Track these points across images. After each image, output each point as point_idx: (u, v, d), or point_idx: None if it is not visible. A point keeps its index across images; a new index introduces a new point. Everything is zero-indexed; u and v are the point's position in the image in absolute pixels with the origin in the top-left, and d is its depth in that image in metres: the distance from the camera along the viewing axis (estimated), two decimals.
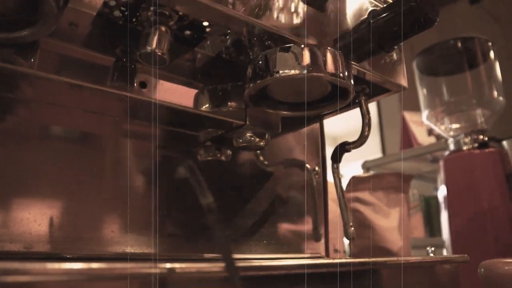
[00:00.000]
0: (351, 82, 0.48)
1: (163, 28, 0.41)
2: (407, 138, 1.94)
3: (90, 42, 0.48)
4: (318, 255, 0.71)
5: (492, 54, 1.28)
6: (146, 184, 0.58)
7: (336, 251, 1.02)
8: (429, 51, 1.27)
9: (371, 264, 0.40)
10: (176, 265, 0.28)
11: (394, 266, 0.44)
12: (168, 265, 0.31)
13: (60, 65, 0.47)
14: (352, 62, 0.51)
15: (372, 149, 2.78)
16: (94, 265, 0.26)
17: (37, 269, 0.30)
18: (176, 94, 0.54)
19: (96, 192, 0.53)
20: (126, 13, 0.46)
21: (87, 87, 0.48)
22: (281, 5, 0.46)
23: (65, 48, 0.47)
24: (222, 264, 0.27)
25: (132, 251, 0.54)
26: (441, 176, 1.20)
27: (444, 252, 1.26)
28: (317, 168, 0.73)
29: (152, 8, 0.42)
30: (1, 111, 0.49)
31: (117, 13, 0.45)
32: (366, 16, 0.54)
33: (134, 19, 0.46)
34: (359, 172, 1.95)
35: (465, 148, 1.15)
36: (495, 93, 1.23)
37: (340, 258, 0.80)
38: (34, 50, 0.43)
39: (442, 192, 1.19)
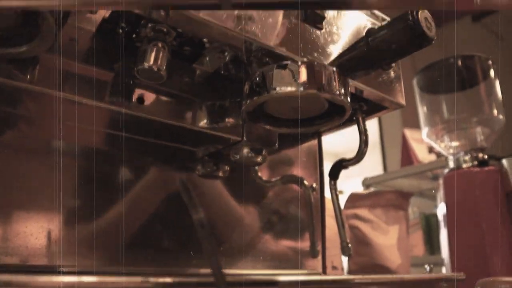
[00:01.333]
0: (347, 100, 0.48)
1: (160, 45, 0.42)
2: (408, 156, 1.94)
3: (89, 57, 0.48)
4: (314, 272, 0.70)
5: (492, 72, 1.29)
6: (145, 199, 0.58)
7: (334, 268, 1.01)
8: (429, 69, 1.27)
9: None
10: (167, 279, 0.28)
11: (388, 284, 0.44)
12: (161, 280, 0.31)
13: (60, 80, 0.47)
14: (349, 79, 0.51)
15: (373, 166, 2.78)
16: (85, 279, 0.26)
17: (32, 282, 0.30)
18: (174, 109, 0.54)
19: (92, 205, 0.54)
20: (126, 29, 0.46)
21: (85, 102, 0.48)
22: (278, 23, 0.47)
23: (65, 63, 0.47)
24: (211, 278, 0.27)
25: (128, 267, 0.54)
26: (440, 194, 1.20)
27: (443, 270, 1.25)
28: (314, 185, 0.73)
29: (150, 25, 0.42)
30: (0, 125, 0.49)
31: (116, 29, 0.46)
32: (363, 34, 0.55)
33: (133, 35, 0.47)
34: (360, 188, 1.95)
35: (464, 166, 1.15)
36: (495, 112, 1.23)
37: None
38: (33, 66, 0.44)
39: (441, 209, 1.18)
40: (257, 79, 0.46)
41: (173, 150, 0.61)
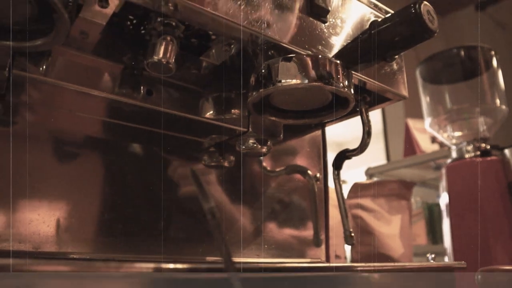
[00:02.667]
0: (351, 91, 0.49)
1: (169, 38, 0.43)
2: (411, 145, 1.95)
3: (99, 50, 0.49)
4: (318, 260, 0.72)
5: (495, 62, 1.29)
6: (150, 188, 0.59)
7: (337, 257, 1.03)
8: (432, 59, 1.28)
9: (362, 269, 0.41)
10: (179, 265, 0.29)
11: (390, 272, 0.45)
12: (171, 266, 0.32)
13: (71, 72, 0.49)
14: (353, 72, 0.52)
15: (376, 156, 2.79)
16: (98, 264, 0.27)
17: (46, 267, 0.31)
18: (181, 101, 0.55)
19: (102, 194, 0.55)
20: (135, 21, 0.47)
21: (96, 94, 0.49)
22: (284, 16, 0.48)
23: (76, 55, 0.49)
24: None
25: (138, 255, 0.56)
26: (443, 184, 1.21)
27: (446, 260, 1.26)
28: (318, 175, 0.74)
29: (159, 19, 0.43)
30: (12, 115, 0.50)
31: (126, 22, 0.47)
32: (367, 27, 0.56)
33: (142, 28, 0.48)
34: (363, 178, 1.96)
35: (467, 156, 1.16)
36: (498, 102, 1.24)
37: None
38: (45, 58, 0.45)
39: (444, 199, 1.19)
40: (263, 71, 0.47)
41: (180, 140, 0.62)
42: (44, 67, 0.46)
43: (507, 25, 2.98)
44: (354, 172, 1.99)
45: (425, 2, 0.49)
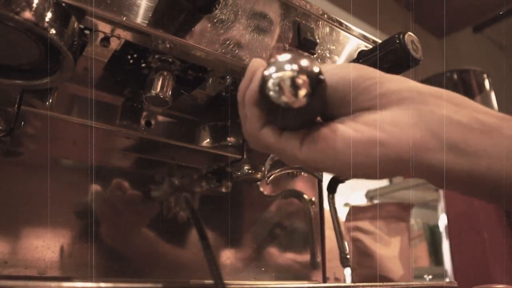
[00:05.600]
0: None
1: (166, 73, 0.46)
2: None
3: (101, 84, 0.53)
4: (315, 282, 0.73)
5: (487, 85, 1.32)
6: (151, 214, 0.61)
7: (336, 279, 1.04)
8: (425, 83, 1.30)
9: None
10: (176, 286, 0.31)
11: None
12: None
13: (74, 105, 0.52)
14: None
15: None
16: (102, 285, 0.30)
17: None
18: (179, 131, 0.58)
19: (104, 220, 0.57)
20: (135, 56, 0.51)
21: (98, 126, 0.52)
22: (273, 48, 0.51)
23: (80, 90, 0.52)
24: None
25: (137, 277, 0.58)
26: (441, 205, 1.22)
27: (447, 280, 1.26)
28: (313, 198, 0.76)
29: (156, 56, 0.46)
30: (19, 146, 0.53)
31: (126, 58, 0.50)
32: (355, 56, 0.59)
33: (142, 62, 0.51)
34: (365, 201, 1.97)
35: None
36: None
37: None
38: (51, 93, 0.48)
39: (443, 221, 1.21)
40: None
41: (179, 168, 0.65)
42: (50, 101, 0.49)
43: (506, 46, 3.02)
44: (357, 195, 2.01)
45: (409, 33, 0.52)
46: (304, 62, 0.31)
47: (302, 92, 0.30)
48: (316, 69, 0.31)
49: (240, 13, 0.47)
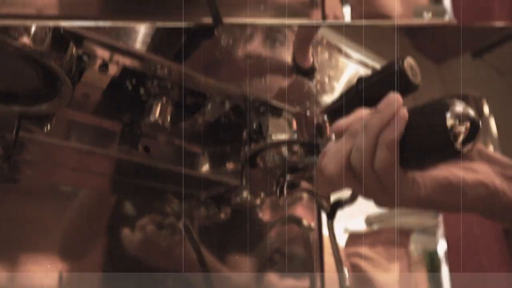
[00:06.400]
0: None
1: (164, 100, 0.46)
2: None
3: (100, 110, 0.52)
4: None
5: (486, 110, 1.32)
6: (151, 239, 0.61)
7: None
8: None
9: None
10: None
11: None
12: None
13: (73, 131, 0.51)
14: None
15: None
16: None
17: None
18: (178, 156, 0.58)
19: (103, 247, 0.57)
20: (134, 82, 0.50)
21: (96, 151, 0.52)
22: (272, 76, 0.51)
23: (78, 116, 0.52)
24: None
25: None
26: (441, 231, 1.21)
27: None
28: (312, 224, 0.76)
29: (155, 82, 0.46)
30: (16, 172, 0.53)
31: (125, 84, 0.50)
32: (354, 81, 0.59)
33: (141, 88, 0.51)
34: (364, 227, 1.95)
35: None
36: (491, 148, 1.25)
37: None
38: (49, 119, 0.48)
39: (442, 247, 1.19)
40: (254, 127, 0.50)
41: (178, 194, 0.64)
42: (48, 127, 0.48)
43: (505, 72, 3.03)
44: (357, 221, 1.99)
45: (408, 58, 0.52)
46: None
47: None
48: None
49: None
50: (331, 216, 0.68)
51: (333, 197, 0.66)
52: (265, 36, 0.51)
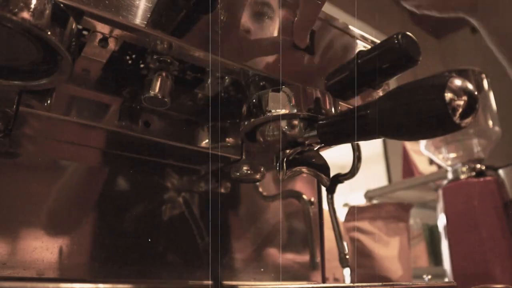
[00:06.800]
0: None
1: (164, 74, 0.46)
2: (409, 167, 1.97)
3: (100, 85, 0.52)
4: (315, 283, 0.73)
5: (486, 85, 1.31)
6: (149, 215, 0.61)
7: (336, 280, 1.04)
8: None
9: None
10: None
11: None
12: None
13: (73, 106, 0.52)
14: (340, 102, 0.55)
15: (378, 178, 2.80)
16: (101, 286, 0.30)
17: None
18: (178, 131, 0.58)
19: (103, 222, 0.57)
20: (134, 57, 0.51)
21: (96, 126, 0.52)
22: (271, 49, 0.51)
23: (78, 90, 0.52)
24: None
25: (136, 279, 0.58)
26: (440, 205, 1.22)
27: (446, 280, 1.26)
28: (312, 199, 0.76)
29: (155, 56, 0.46)
30: (16, 146, 0.53)
31: (125, 58, 0.50)
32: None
33: (141, 63, 0.51)
34: (364, 201, 1.97)
35: (462, 177, 1.17)
36: (491, 123, 1.26)
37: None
38: (50, 94, 0.48)
39: (441, 221, 1.21)
40: (254, 101, 0.50)
41: (178, 169, 0.65)
42: (48, 102, 0.49)
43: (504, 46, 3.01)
44: (356, 195, 2.01)
45: (408, 33, 0.52)
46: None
47: None
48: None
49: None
50: (331, 190, 0.69)
51: (333, 172, 0.67)
52: (264, 10, 0.51)
